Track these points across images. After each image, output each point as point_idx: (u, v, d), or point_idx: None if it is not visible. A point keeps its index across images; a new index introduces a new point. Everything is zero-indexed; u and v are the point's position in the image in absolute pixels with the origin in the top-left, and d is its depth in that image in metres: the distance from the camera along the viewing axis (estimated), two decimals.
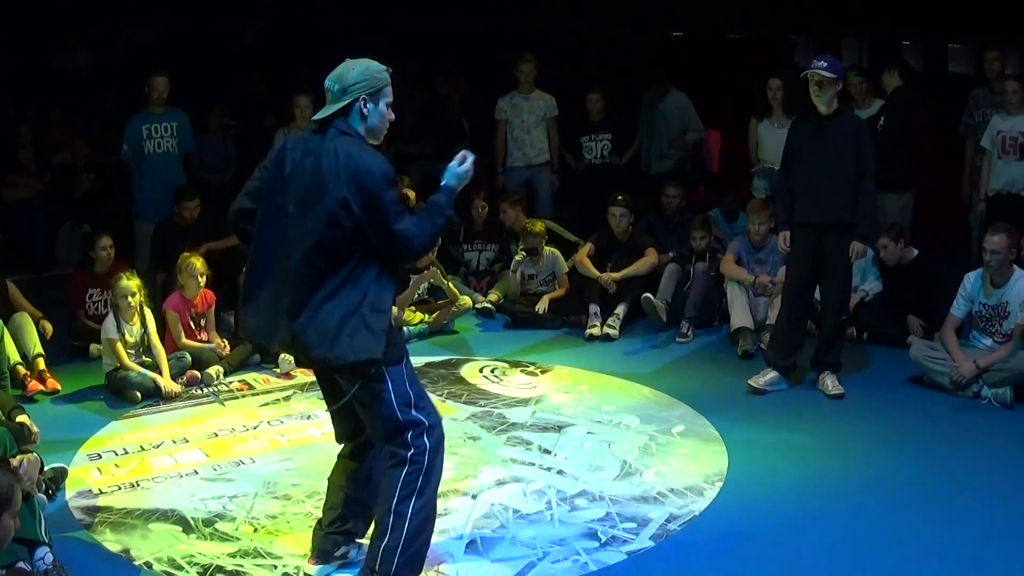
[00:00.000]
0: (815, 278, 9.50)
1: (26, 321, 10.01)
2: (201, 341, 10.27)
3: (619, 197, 11.57)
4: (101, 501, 7.61)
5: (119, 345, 9.65)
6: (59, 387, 9.87)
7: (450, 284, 11.60)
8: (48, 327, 10.15)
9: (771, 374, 9.55)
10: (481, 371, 10.21)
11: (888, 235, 10.57)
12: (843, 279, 9.48)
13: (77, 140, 14.44)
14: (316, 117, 6.02)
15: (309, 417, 9.00)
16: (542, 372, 10.15)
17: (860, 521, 7.10)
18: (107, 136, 14.26)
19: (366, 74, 5.89)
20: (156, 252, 11.46)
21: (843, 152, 9.10)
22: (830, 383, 9.45)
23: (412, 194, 12.18)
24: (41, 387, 9.79)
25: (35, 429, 7.92)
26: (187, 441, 8.68)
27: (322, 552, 6.56)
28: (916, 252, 10.70)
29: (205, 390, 9.86)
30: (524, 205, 12.75)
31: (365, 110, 5.88)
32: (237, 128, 14.81)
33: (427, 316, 11.46)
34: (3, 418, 7.87)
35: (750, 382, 9.49)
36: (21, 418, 7.93)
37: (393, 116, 6.08)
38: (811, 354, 9.65)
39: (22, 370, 9.80)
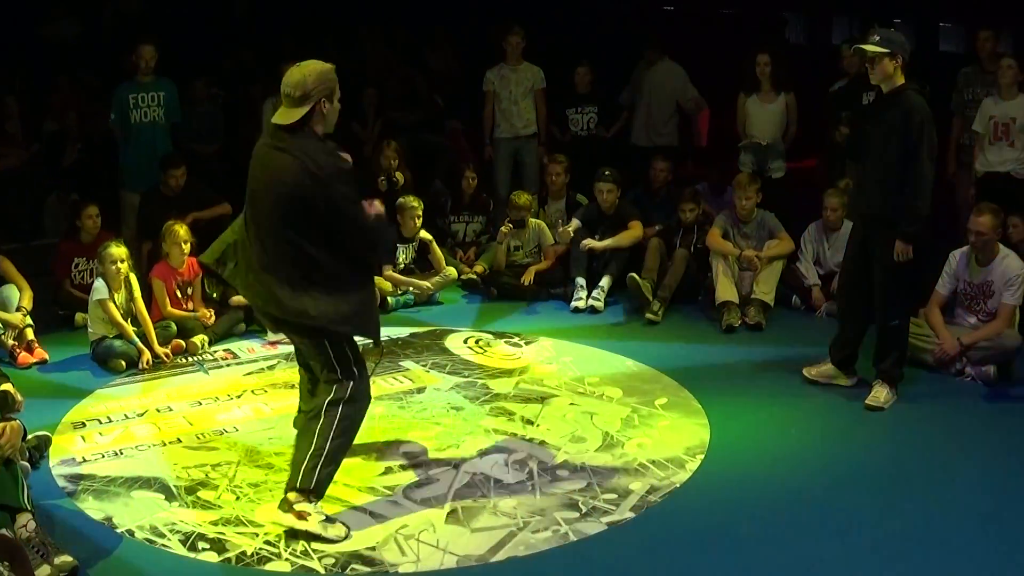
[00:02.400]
0: (868, 273, 8.70)
1: (12, 293, 10.00)
2: (187, 310, 10.28)
3: (606, 172, 11.59)
4: (84, 469, 7.62)
5: (111, 304, 9.64)
6: (47, 357, 9.87)
7: (438, 252, 11.68)
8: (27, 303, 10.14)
9: (825, 366, 9.05)
10: (465, 342, 10.23)
11: None
12: (885, 278, 8.53)
13: (69, 110, 14.40)
14: (281, 123, 6.49)
15: (293, 386, 8.80)
16: (526, 343, 10.17)
17: (840, 495, 7.14)
18: (94, 106, 14.22)
19: (322, 78, 6.45)
20: (142, 221, 11.45)
21: (890, 136, 8.29)
22: (875, 391, 8.69)
23: (401, 177, 12.22)
24: (31, 359, 9.80)
25: (19, 397, 7.86)
26: (171, 410, 8.69)
27: None
28: None
29: (190, 359, 9.88)
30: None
31: (324, 110, 6.48)
32: (225, 98, 14.77)
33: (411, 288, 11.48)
34: None
35: (804, 371, 9.10)
36: (5, 386, 7.87)
37: (339, 106, 6.67)
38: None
39: (9, 340, 9.82)
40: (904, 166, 8.23)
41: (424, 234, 11.68)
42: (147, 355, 9.64)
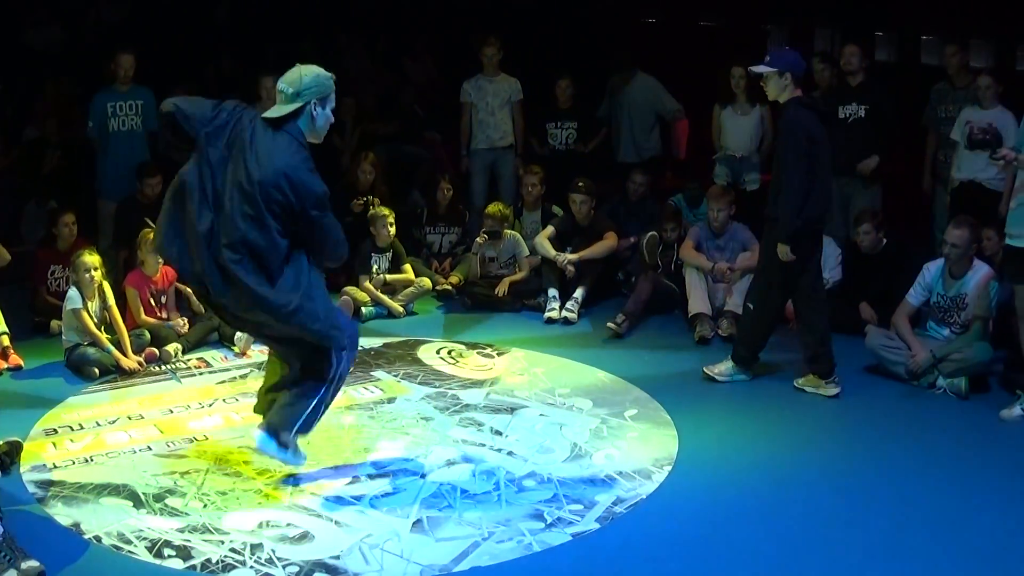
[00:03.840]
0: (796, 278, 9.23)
1: None
2: (160, 318, 10.30)
3: (580, 184, 11.64)
4: (55, 475, 7.64)
5: (84, 314, 9.66)
6: (22, 363, 9.90)
7: (407, 265, 11.75)
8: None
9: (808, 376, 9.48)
10: (438, 352, 10.26)
11: (871, 222, 10.59)
12: (757, 272, 9.55)
13: (48, 117, 14.41)
14: (270, 115, 6.69)
15: None
16: (498, 354, 10.21)
17: (807, 508, 7.17)
18: (74, 113, 14.24)
19: (317, 81, 6.74)
20: (119, 230, 11.49)
21: (778, 145, 9.13)
22: (719, 364, 9.57)
23: (377, 201, 12.23)
24: (5, 364, 9.82)
25: None
26: (142, 417, 8.71)
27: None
28: (885, 241, 10.75)
29: (163, 367, 9.89)
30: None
31: (315, 113, 6.73)
32: None
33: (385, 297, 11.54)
34: None
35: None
36: None
37: (333, 119, 6.95)
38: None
39: None
40: (777, 174, 8.94)
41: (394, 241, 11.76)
42: (125, 362, 9.68)
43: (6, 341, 9.94)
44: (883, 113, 11.42)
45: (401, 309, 11.44)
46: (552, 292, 11.33)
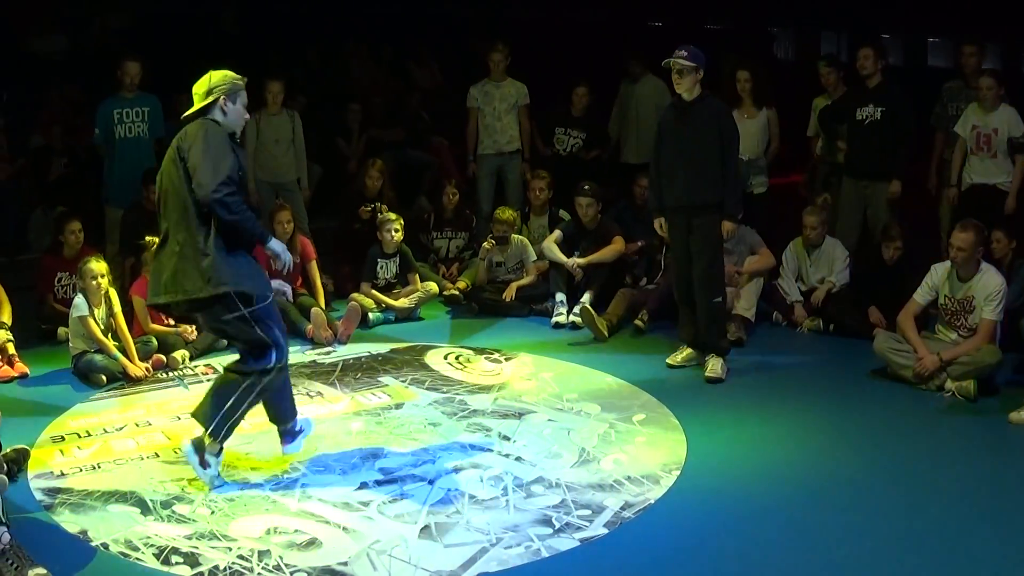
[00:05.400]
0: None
1: None
2: (168, 325, 10.30)
3: (586, 187, 11.64)
4: (62, 483, 7.62)
5: (91, 321, 9.67)
6: (28, 371, 9.89)
7: (415, 275, 11.77)
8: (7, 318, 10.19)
9: (686, 352, 10.02)
10: (446, 358, 10.26)
11: (900, 239, 10.69)
12: (708, 258, 9.60)
13: (54, 125, 14.42)
14: (186, 115, 7.31)
15: None
16: (506, 359, 10.21)
17: (816, 512, 7.12)
18: (80, 120, 14.25)
19: (226, 79, 7.30)
20: (125, 237, 11.48)
21: (703, 136, 9.43)
22: (711, 365, 9.66)
23: (385, 209, 12.21)
24: (12, 373, 9.82)
25: None
26: (150, 424, 8.70)
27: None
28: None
29: (170, 374, 9.90)
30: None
31: (225, 108, 7.29)
32: None
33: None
34: None
35: (668, 360, 10.02)
36: None
37: (248, 116, 7.60)
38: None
39: None
40: (721, 160, 9.42)
41: (402, 246, 11.79)
42: (132, 368, 9.69)
43: (11, 348, 9.94)
44: (900, 115, 11.35)
45: (406, 303, 11.50)
46: (560, 297, 11.33)
